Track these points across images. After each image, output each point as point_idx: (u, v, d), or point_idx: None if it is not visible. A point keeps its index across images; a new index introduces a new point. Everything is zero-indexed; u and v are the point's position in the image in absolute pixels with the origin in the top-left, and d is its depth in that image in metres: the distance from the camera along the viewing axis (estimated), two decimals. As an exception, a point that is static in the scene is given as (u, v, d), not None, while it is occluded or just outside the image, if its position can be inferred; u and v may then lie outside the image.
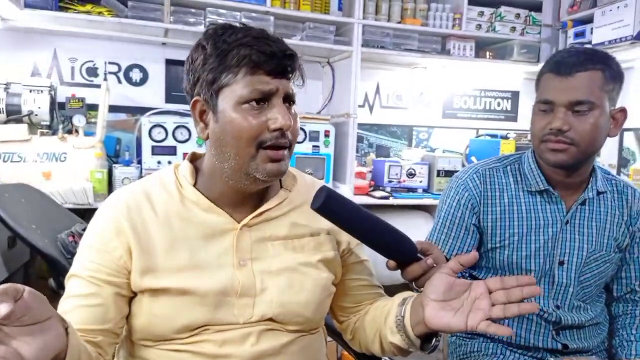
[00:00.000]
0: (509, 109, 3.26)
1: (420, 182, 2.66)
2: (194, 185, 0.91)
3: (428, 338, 0.85)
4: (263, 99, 0.83)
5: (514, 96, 3.26)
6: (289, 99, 0.86)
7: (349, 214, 0.84)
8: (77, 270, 0.85)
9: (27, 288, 0.56)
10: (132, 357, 0.91)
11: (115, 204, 0.89)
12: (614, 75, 1.07)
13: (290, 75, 0.86)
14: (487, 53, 2.79)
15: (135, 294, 0.87)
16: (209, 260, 0.87)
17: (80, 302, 0.83)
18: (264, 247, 0.91)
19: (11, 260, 1.87)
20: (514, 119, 3.27)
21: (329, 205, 0.82)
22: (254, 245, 0.90)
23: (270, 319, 0.88)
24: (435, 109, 3.12)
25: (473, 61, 2.72)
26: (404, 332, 0.85)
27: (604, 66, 1.06)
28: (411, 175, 2.64)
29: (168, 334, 0.85)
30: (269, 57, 0.82)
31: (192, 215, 0.89)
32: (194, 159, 0.96)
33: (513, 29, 2.75)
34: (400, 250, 0.87)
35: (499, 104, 3.23)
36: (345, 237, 0.99)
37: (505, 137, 2.74)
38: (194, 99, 0.87)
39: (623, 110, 1.12)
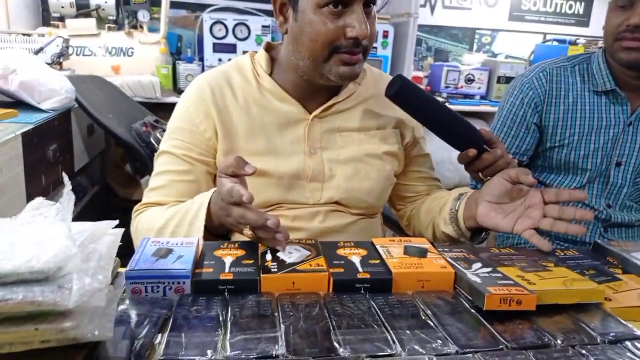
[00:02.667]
0: (581, 12, 3.04)
1: (479, 88, 2.61)
2: (270, 75, 0.97)
3: (478, 231, 0.93)
4: (342, 3, 0.82)
5: (589, -2, 3.02)
6: (370, 2, 0.85)
7: (422, 102, 0.88)
8: (170, 148, 0.94)
9: None
10: None
11: (200, 88, 0.95)
12: None
13: None
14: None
15: None
16: (283, 147, 0.94)
17: (177, 177, 0.93)
18: (333, 137, 0.97)
19: (90, 147, 2.04)
20: (586, 24, 3.05)
21: (403, 92, 0.86)
22: (324, 136, 0.97)
23: (337, 202, 0.97)
24: (502, 10, 2.95)
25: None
26: (456, 224, 0.93)
27: None
28: (470, 81, 2.59)
29: None
30: None
31: (268, 104, 0.95)
32: (270, 48, 1.00)
33: None
34: (468, 139, 0.90)
35: (570, 7, 3.02)
36: (409, 131, 1.04)
37: (574, 43, 2.59)
38: None
39: None
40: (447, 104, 2.49)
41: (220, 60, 2.30)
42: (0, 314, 0.43)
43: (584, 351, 0.54)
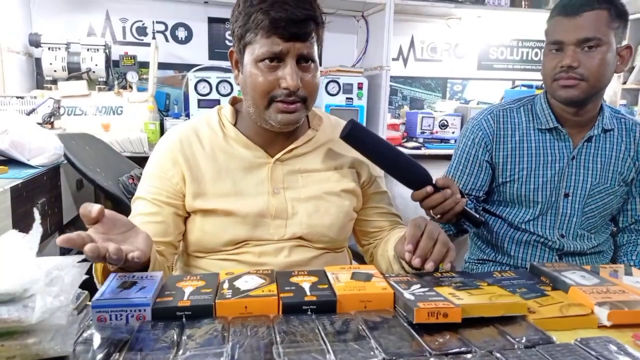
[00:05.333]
0: (547, 59, 3.22)
1: (453, 132, 2.74)
2: (235, 125, 1.07)
3: None
4: (277, 58, 0.94)
5: (553, 46, 3.21)
6: (304, 59, 0.95)
7: (371, 142, 0.98)
8: (142, 193, 1.03)
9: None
10: (188, 266, 1.10)
11: (170, 140, 1.06)
12: (619, 13, 1.13)
13: (305, 38, 0.94)
14: (523, 2, 2.77)
15: (189, 214, 1.05)
16: (248, 188, 1.03)
17: (146, 219, 1.01)
18: (295, 178, 1.06)
19: (79, 201, 2.12)
20: (552, 70, 3.23)
21: (354, 133, 0.97)
22: (286, 177, 1.06)
23: (300, 237, 1.05)
24: (471, 60, 3.13)
25: (508, 10, 2.72)
26: (399, 262, 1.00)
27: (609, 5, 1.12)
28: (444, 126, 2.72)
29: (216, 247, 1.03)
30: (281, 22, 0.91)
31: (233, 150, 1.05)
32: (235, 102, 1.11)
33: (550, -25, 2.72)
34: (417, 177, 0.99)
35: (536, 54, 3.21)
36: (365, 171, 1.13)
37: (541, 88, 2.75)
38: (230, 49, 1.02)
39: (629, 48, 1.18)
40: (423, 148, 2.61)
41: (205, 115, 2.43)
42: (-29, 332, 0.50)
43: (498, 355, 0.60)
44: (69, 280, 0.58)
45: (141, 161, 2.17)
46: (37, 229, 0.55)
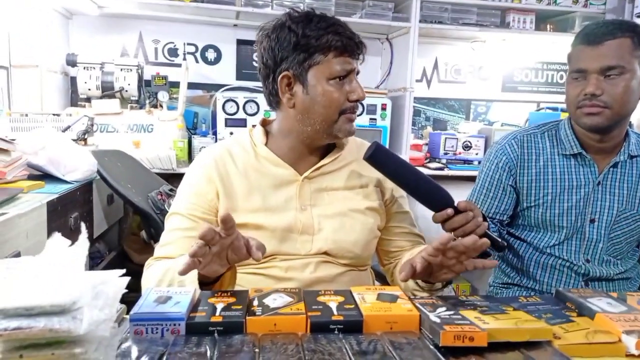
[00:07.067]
0: (572, 82, 3.21)
1: (476, 154, 2.73)
2: (265, 145, 1.12)
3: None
4: (345, 76, 1.04)
5: (579, 69, 3.20)
6: (357, 73, 1.08)
7: (394, 163, 1.01)
8: (178, 209, 1.09)
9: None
10: None
11: (205, 159, 1.12)
12: None
13: (359, 57, 1.07)
14: (548, 26, 2.77)
15: None
16: (277, 204, 1.08)
17: (182, 234, 1.06)
18: (321, 195, 1.11)
19: (109, 215, 2.18)
20: (578, 93, 3.21)
21: (377, 155, 1.01)
22: (313, 194, 1.10)
23: (326, 253, 1.08)
24: (495, 82, 3.14)
25: (533, 34, 2.72)
26: (412, 280, 1.02)
27: (632, 34, 1.13)
28: (467, 147, 2.72)
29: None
30: (350, 43, 1.03)
31: (264, 169, 1.10)
32: (265, 123, 1.18)
33: (576, 0, 2.71)
34: (438, 199, 1.01)
35: (561, 77, 3.20)
36: (389, 189, 1.17)
37: (565, 110, 2.73)
38: (284, 73, 1.05)
39: None
40: (446, 169, 2.61)
41: (231, 133, 2.49)
42: (25, 340, 0.53)
43: (524, 379, 0.61)
44: (112, 294, 0.62)
45: (169, 178, 2.23)
46: (83, 243, 0.59)
